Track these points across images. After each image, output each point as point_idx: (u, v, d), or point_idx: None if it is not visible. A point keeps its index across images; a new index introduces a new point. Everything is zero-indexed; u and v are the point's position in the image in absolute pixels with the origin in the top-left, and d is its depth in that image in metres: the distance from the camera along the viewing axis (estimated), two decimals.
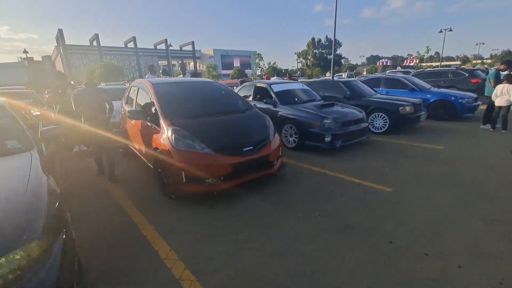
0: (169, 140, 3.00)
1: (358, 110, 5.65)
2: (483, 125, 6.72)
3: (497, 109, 6.21)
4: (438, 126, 7.11)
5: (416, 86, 8.40)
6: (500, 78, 6.33)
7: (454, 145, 5.31)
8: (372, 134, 6.48)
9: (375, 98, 6.78)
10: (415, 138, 5.99)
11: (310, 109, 5.28)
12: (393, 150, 5.18)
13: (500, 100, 6.06)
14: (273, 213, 2.94)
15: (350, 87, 7.17)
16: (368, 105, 6.58)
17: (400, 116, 6.13)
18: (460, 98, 7.56)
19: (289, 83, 6.53)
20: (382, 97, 6.82)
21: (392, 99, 6.58)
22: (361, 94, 7.05)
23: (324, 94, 7.54)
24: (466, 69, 11.45)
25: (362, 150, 5.21)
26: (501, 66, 6.29)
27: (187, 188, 2.94)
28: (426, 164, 4.33)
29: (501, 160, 4.35)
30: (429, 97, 8.04)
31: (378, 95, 7.15)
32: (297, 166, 4.47)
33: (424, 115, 6.57)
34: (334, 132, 4.89)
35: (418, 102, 6.51)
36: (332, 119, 4.94)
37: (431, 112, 8.02)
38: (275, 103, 5.76)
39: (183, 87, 4.06)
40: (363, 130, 5.40)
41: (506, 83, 5.95)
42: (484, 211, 2.80)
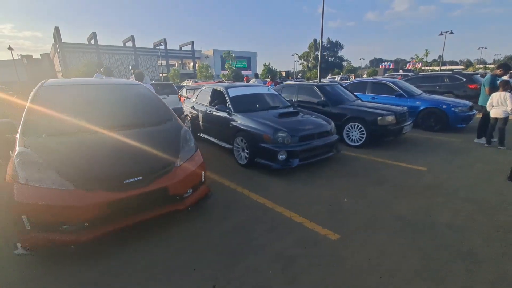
0: (13, 168, 2.10)
1: (325, 120, 4.72)
2: (477, 139, 5.76)
3: (493, 121, 5.25)
4: (426, 139, 6.14)
5: (405, 92, 7.44)
6: (496, 85, 5.37)
7: (440, 166, 4.35)
8: (348, 148, 5.54)
9: (353, 105, 5.83)
10: (396, 154, 5.04)
11: (265, 119, 4.35)
12: (365, 171, 4.24)
13: (496, 111, 5.09)
14: (153, 277, 2.02)
15: (326, 93, 6.23)
16: (344, 114, 5.65)
17: (378, 128, 5.18)
18: (453, 106, 6.59)
19: (251, 87, 5.61)
20: (361, 105, 5.87)
21: (372, 107, 5.63)
22: (337, 100, 6.11)
23: (298, 99, 6.62)
24: (464, 73, 10.46)
25: (326, 170, 4.27)
26: (497, 71, 5.32)
27: (32, 238, 2.03)
28: (399, 194, 3.38)
29: (494, 190, 3.39)
30: (419, 104, 7.07)
31: (358, 102, 6.21)
32: (235, 192, 3.55)
33: (409, 126, 5.61)
34: (290, 149, 3.96)
35: (401, 111, 5.56)
36: (288, 132, 4.01)
37: (420, 121, 7.06)
38: (229, 111, 4.84)
39: (81, 92, 3.15)
40: (331, 145, 4.47)
41: (502, 90, 4.99)
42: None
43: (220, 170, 4.34)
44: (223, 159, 4.92)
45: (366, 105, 5.88)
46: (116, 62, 53.06)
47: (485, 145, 5.39)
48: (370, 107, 5.66)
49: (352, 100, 6.28)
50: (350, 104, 5.88)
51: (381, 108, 5.53)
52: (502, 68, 5.24)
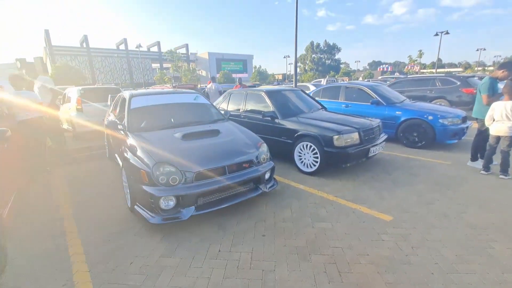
0: None
1: (252, 142, 3.31)
2: (471, 162, 4.33)
3: (493, 141, 3.82)
4: (404, 161, 4.71)
5: (383, 98, 6.02)
6: (497, 90, 3.95)
7: (414, 212, 2.93)
8: (298, 175, 4.13)
9: (306, 118, 4.41)
10: (357, 187, 3.63)
11: (158, 144, 2.95)
12: (304, 221, 2.82)
13: (498, 127, 3.67)
14: None
15: (277, 101, 4.82)
16: (295, 130, 4.23)
17: (335, 150, 3.76)
18: (441, 117, 5.16)
19: (166, 95, 4.19)
20: (317, 118, 4.44)
21: (330, 121, 4.20)
22: (289, 111, 4.69)
23: (246, 109, 5.22)
24: (458, 76, 9.04)
25: (236, 223, 2.86)
26: (498, 72, 3.90)
27: None
28: (333, 274, 1.97)
29: (495, 276, 1.97)
30: (399, 114, 5.65)
31: (317, 114, 4.77)
32: None
33: (379, 146, 4.18)
34: (180, 192, 2.56)
35: (368, 126, 4.13)
36: (177, 167, 2.61)
37: (401, 135, 5.64)
38: (124, 129, 3.44)
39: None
40: (255, 180, 3.06)
41: (508, 99, 3.57)
42: None
43: (104, 217, 2.95)
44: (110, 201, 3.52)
45: (325, 117, 4.46)
46: (109, 65, 52.09)
47: (481, 172, 3.96)
48: (327, 120, 4.23)
49: (311, 111, 4.86)
50: (304, 117, 4.46)
51: (342, 122, 4.11)
52: (506, 68, 3.81)
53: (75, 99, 7.02)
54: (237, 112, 5.32)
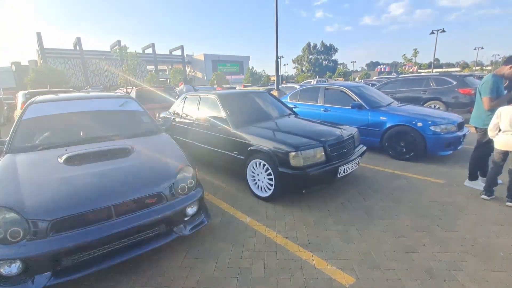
0: None
1: (171, 163, 2.41)
2: (469, 182, 3.42)
3: (498, 157, 2.91)
4: (387, 178, 3.80)
5: (366, 102, 5.12)
6: (502, 91, 3.05)
7: (387, 268, 2.03)
8: (253, 200, 3.24)
9: (263, 129, 3.49)
10: (318, 220, 2.73)
11: (13, 176, 2.05)
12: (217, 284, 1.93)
13: (506, 139, 2.77)
14: None
15: (231, 107, 3.91)
16: (247, 143, 3.32)
17: (290, 171, 2.84)
18: (432, 123, 4.26)
19: (82, 100, 3.28)
20: (275, 128, 3.51)
21: (290, 132, 3.29)
22: (245, 120, 3.76)
23: (198, 117, 4.32)
24: (454, 75, 8.15)
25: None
26: (505, 68, 2.99)
27: None
28: None
29: None
30: (384, 120, 4.75)
31: (279, 122, 3.86)
32: None
33: (352, 164, 3.24)
34: (26, 253, 1.66)
35: (339, 138, 3.20)
36: (21, 213, 1.71)
37: (387, 145, 4.74)
38: (6, 150, 2.55)
39: None
40: (155, 223, 2.15)
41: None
42: None
43: None
44: None
45: (286, 127, 3.55)
46: (103, 68, 51.31)
47: (482, 196, 3.05)
48: (288, 130, 3.32)
49: (273, 119, 3.95)
50: (261, 126, 3.54)
51: (304, 133, 3.20)
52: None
53: (20, 104, 6.16)
54: (190, 120, 4.43)
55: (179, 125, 4.68)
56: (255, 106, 4.15)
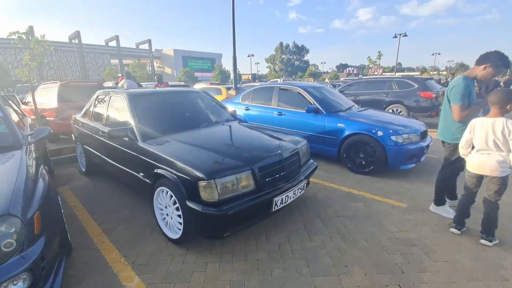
0: None
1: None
2: (435, 207, 2.79)
3: (472, 182, 2.26)
4: (340, 200, 3.07)
5: (324, 104, 4.41)
6: (474, 98, 2.43)
7: None
8: (163, 242, 2.30)
9: (179, 142, 2.54)
10: (232, 282, 1.88)
11: None
12: None
13: (480, 160, 2.12)
14: None
15: (144, 110, 2.91)
16: (153, 164, 2.35)
17: (200, 208, 1.94)
18: (394, 132, 3.64)
19: None
20: (194, 142, 2.56)
21: (212, 147, 2.39)
22: (160, 129, 2.77)
23: (107, 123, 3.26)
24: (415, 77, 7.87)
25: None
26: (478, 68, 2.31)
27: None
28: None
29: None
30: (342, 127, 4.06)
31: (204, 132, 2.92)
32: None
33: (295, 191, 2.42)
34: None
35: (274, 158, 2.34)
36: None
37: (345, 156, 4.06)
38: None
39: None
40: None
41: (499, 113, 2.03)
42: None
43: None
44: None
45: (210, 140, 2.63)
46: (60, 60, 46.81)
47: (451, 230, 2.41)
48: (207, 146, 2.40)
49: (198, 127, 2.99)
50: (177, 139, 2.59)
51: (227, 151, 2.32)
52: (490, 63, 2.26)
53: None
54: (96, 125, 3.35)
55: (85, 131, 3.58)
56: (180, 111, 3.18)
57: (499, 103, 1.99)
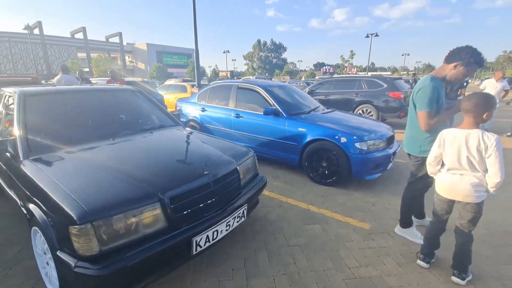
0: None
1: None
2: (400, 230, 2.38)
3: (441, 208, 1.83)
4: (295, 222, 2.58)
5: (284, 106, 3.90)
6: (444, 102, 2.02)
7: None
8: None
9: (63, 164, 1.89)
10: None
11: None
12: None
13: (451, 182, 1.70)
14: None
15: (34, 113, 2.21)
16: (27, 195, 1.68)
17: (76, 269, 1.32)
18: (358, 138, 3.21)
19: None
20: (92, 162, 1.93)
21: (117, 168, 1.77)
22: (55, 140, 2.10)
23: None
24: (385, 77, 7.67)
25: None
26: (448, 67, 1.91)
27: None
28: None
29: None
30: (303, 132, 3.59)
31: (114, 147, 2.28)
32: None
33: (228, 224, 1.87)
34: None
35: (191, 183, 1.73)
36: None
37: (307, 164, 3.60)
38: None
39: None
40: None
41: (473, 125, 1.62)
42: None
43: None
44: None
45: (121, 157, 2.00)
46: (20, 53, 42.93)
47: (419, 263, 1.99)
48: (116, 167, 1.77)
49: (120, 136, 2.34)
50: (72, 155, 1.94)
51: (136, 175, 1.71)
52: (461, 60, 1.83)
53: None
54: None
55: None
56: (93, 116, 2.48)
57: (474, 111, 1.57)
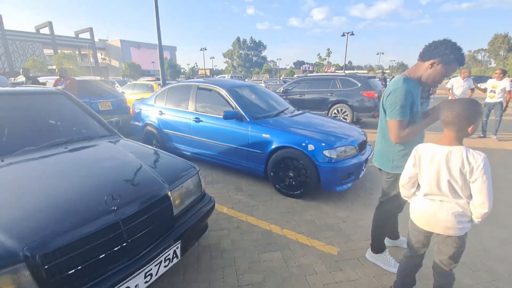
0: None
1: None
2: (372, 255, 2.03)
3: (417, 240, 1.45)
4: (252, 248, 2.17)
5: (247, 108, 3.47)
6: (416, 107, 1.68)
7: None
8: None
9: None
10: None
11: None
12: None
13: (427, 210, 1.35)
14: None
15: None
16: None
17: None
18: (327, 145, 2.84)
19: None
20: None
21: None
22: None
23: None
24: (359, 76, 7.48)
25: None
26: (423, 66, 1.56)
27: None
28: None
29: None
30: (268, 138, 3.18)
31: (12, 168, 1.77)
32: None
33: (130, 287, 1.44)
34: None
35: (71, 235, 1.29)
36: None
37: (272, 174, 3.21)
38: None
39: None
40: None
41: (455, 140, 1.26)
42: None
43: None
44: None
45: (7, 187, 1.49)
46: None
47: None
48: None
49: (6, 153, 1.80)
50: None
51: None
52: (439, 57, 1.50)
53: None
54: None
55: None
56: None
57: (457, 124, 1.22)
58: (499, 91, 5.53)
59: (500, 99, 5.59)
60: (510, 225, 2.53)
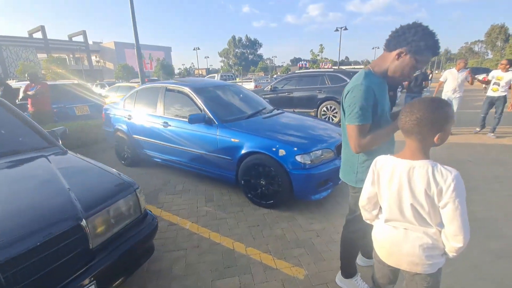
0: None
1: None
2: (341, 279, 1.75)
3: (382, 275, 1.18)
4: (208, 274, 1.90)
5: (217, 111, 3.17)
6: (382, 109, 1.39)
7: None
8: None
9: None
10: None
11: None
12: None
13: (392, 241, 1.06)
14: None
15: None
16: None
17: None
18: (300, 149, 2.55)
19: None
20: None
21: None
22: None
23: None
24: (347, 71, 7.17)
25: None
26: (390, 56, 1.31)
27: None
28: None
29: None
30: (237, 143, 2.88)
31: None
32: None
33: None
34: None
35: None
36: None
37: (243, 182, 2.92)
38: None
39: None
40: None
41: (420, 148, 0.98)
42: None
43: None
44: None
45: None
46: None
47: None
48: None
49: None
50: None
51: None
52: (408, 47, 1.22)
53: None
54: None
55: None
56: None
57: (418, 131, 0.93)
58: (503, 84, 4.89)
59: (504, 93, 4.94)
60: (506, 234, 2.24)
